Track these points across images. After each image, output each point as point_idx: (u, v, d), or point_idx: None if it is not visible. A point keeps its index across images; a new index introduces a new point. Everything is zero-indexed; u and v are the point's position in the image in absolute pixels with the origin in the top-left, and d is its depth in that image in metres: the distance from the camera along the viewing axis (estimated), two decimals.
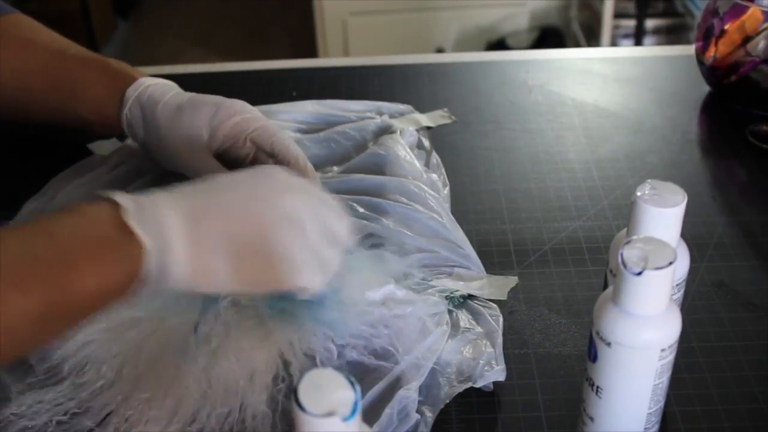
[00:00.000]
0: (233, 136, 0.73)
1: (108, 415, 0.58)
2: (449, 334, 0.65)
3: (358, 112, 0.92)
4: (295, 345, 0.62)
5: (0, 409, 0.58)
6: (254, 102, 0.78)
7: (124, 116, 0.76)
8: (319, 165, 0.83)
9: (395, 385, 0.60)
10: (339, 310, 0.63)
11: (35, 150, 0.91)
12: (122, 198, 0.52)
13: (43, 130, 0.87)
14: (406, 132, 0.87)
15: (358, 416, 0.39)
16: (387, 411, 0.58)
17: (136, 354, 0.61)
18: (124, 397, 0.59)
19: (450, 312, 0.67)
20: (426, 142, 0.88)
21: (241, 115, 0.73)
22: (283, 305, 0.62)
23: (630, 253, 0.47)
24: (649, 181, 0.54)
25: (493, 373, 0.61)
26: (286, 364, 0.61)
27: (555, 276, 0.72)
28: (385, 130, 0.87)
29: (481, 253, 0.73)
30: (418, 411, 0.59)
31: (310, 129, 0.89)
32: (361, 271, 0.66)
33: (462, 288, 0.69)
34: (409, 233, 0.73)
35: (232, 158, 0.75)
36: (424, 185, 0.78)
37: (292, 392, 0.39)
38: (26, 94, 0.79)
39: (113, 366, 0.61)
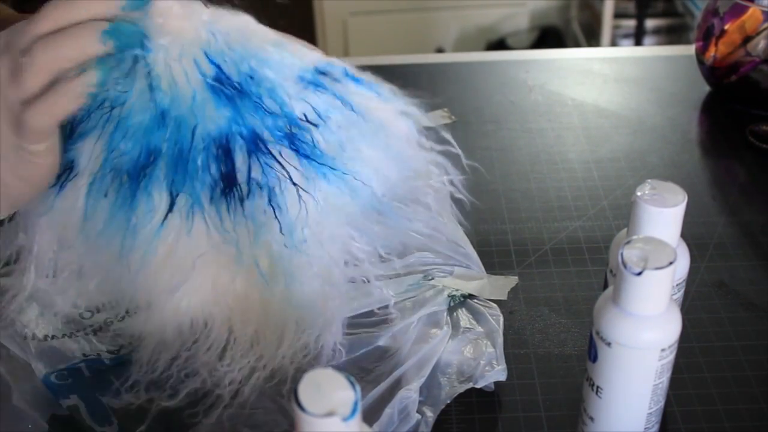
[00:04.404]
0: None
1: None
2: (450, 334, 0.65)
3: None
4: None
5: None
6: None
7: None
8: None
9: (396, 385, 0.60)
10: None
11: None
12: None
13: None
14: None
15: (358, 416, 0.39)
16: (387, 411, 0.58)
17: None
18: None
19: (450, 312, 0.67)
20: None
21: None
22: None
23: (630, 253, 0.47)
24: (649, 180, 0.54)
25: (494, 373, 0.61)
26: None
27: (555, 276, 0.72)
28: None
29: (481, 253, 0.73)
30: (418, 411, 0.59)
31: None
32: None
33: (462, 288, 0.69)
34: (409, 233, 0.73)
35: None
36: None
37: (292, 392, 0.39)
38: None
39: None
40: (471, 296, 0.69)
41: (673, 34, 2.45)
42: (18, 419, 0.59)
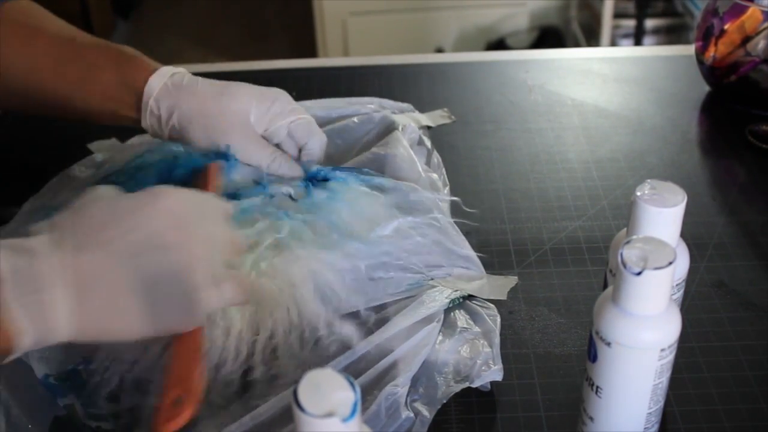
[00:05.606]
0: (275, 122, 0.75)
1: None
2: (446, 333, 0.65)
3: (361, 105, 0.91)
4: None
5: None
6: None
7: (150, 103, 0.74)
8: (324, 162, 0.83)
9: (382, 379, 0.60)
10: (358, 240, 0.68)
11: (35, 151, 0.91)
12: (3, 261, 0.48)
13: (44, 128, 0.86)
14: (407, 128, 0.86)
15: (357, 417, 0.39)
16: (373, 408, 0.57)
17: None
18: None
19: (448, 312, 0.67)
20: (427, 142, 0.88)
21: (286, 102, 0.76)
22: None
23: (630, 253, 0.47)
24: (648, 180, 0.54)
25: (490, 373, 0.61)
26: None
27: (555, 276, 0.72)
28: (388, 126, 0.86)
29: (480, 253, 0.73)
30: (414, 410, 0.59)
31: (319, 123, 0.88)
32: (364, 207, 0.71)
33: (461, 288, 0.69)
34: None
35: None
36: (420, 187, 0.77)
37: (292, 392, 0.39)
38: (35, 83, 0.75)
39: None
40: (470, 296, 0.69)
41: (672, 34, 2.45)
42: (18, 421, 0.59)
